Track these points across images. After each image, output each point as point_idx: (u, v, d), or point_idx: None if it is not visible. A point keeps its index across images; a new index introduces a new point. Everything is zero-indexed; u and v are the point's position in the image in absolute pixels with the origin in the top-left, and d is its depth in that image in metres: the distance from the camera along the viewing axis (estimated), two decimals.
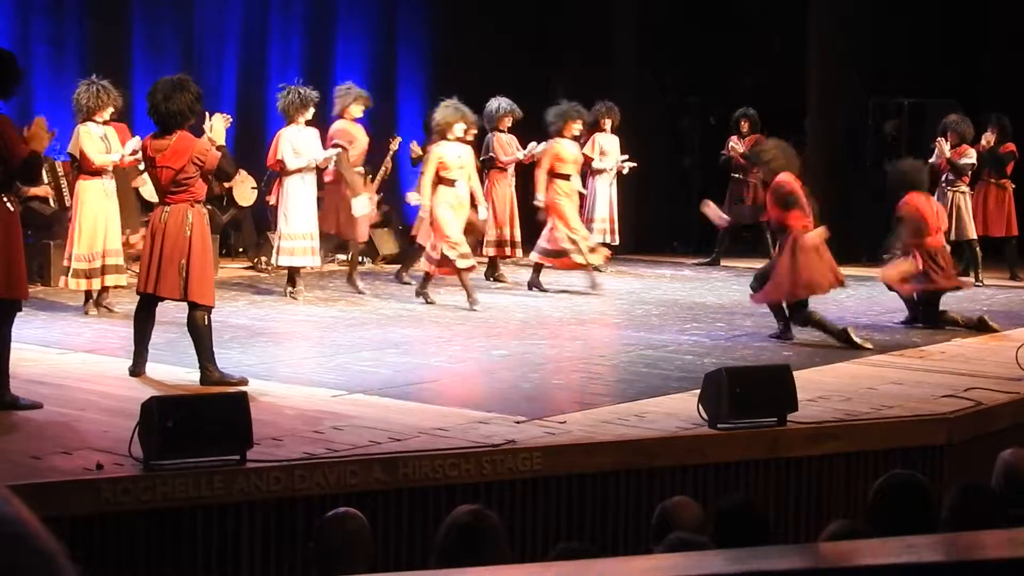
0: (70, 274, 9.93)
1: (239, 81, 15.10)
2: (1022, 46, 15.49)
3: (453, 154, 10.91)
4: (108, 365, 7.94)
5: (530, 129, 12.86)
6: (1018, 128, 13.60)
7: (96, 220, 9.93)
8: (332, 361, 8.30)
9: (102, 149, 9.97)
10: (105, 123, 10.04)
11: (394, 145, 13.43)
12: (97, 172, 9.97)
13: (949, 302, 10.23)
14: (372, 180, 12.90)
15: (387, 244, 14.41)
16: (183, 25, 14.61)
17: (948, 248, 10.67)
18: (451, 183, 10.89)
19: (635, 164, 13.67)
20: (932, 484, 5.82)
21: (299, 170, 11.24)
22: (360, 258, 13.71)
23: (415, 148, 12.19)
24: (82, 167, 9.98)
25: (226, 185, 13.41)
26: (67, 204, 11.67)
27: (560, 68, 16.88)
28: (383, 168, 13.28)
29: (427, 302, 10.98)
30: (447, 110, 11.00)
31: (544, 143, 12.22)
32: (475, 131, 11.53)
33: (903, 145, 15.20)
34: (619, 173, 13.84)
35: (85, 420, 6.42)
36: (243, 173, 13.33)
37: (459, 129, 10.94)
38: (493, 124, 12.66)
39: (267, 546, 5.51)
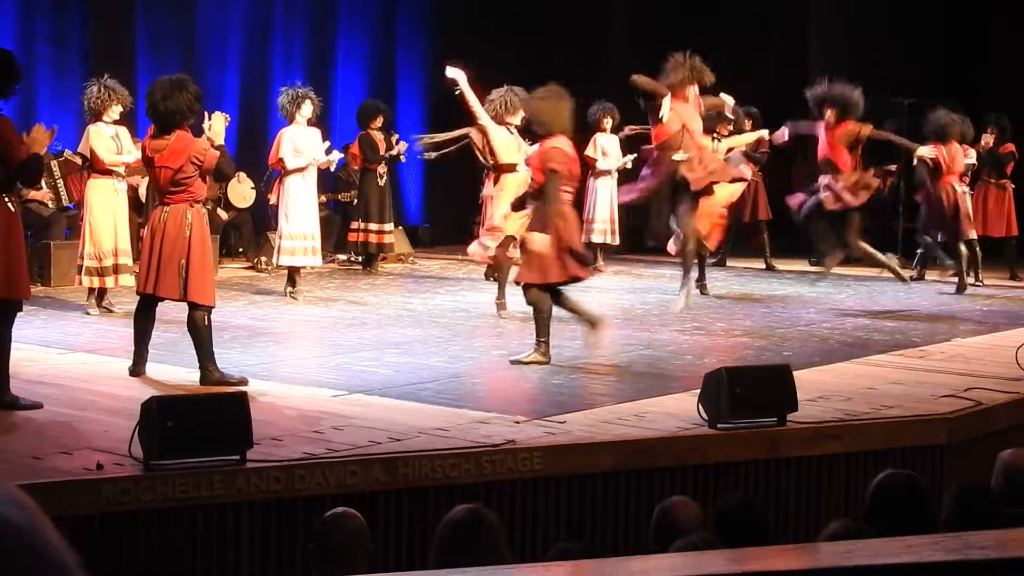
0: (83, 272, 9.97)
1: (241, 80, 15.11)
2: (1022, 46, 15.49)
3: None
4: (108, 365, 7.94)
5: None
6: (1018, 128, 13.60)
7: (105, 219, 9.96)
8: (332, 361, 8.30)
9: (113, 149, 9.99)
10: (116, 122, 10.06)
11: (399, 147, 13.42)
12: (107, 172, 10.00)
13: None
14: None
15: (399, 243, 14.39)
16: (185, 25, 14.62)
17: None
18: None
19: (634, 155, 13.64)
20: (930, 483, 5.83)
21: (299, 169, 11.25)
22: (353, 256, 13.73)
23: None
24: (93, 166, 10.02)
25: (221, 212, 13.41)
26: (64, 204, 11.70)
27: (559, 68, 16.88)
28: (380, 173, 13.29)
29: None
30: None
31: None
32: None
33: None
34: (622, 171, 13.84)
35: (85, 420, 6.42)
36: (240, 174, 13.35)
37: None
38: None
39: (267, 546, 5.51)
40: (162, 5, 14.44)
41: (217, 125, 7.58)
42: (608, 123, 13.75)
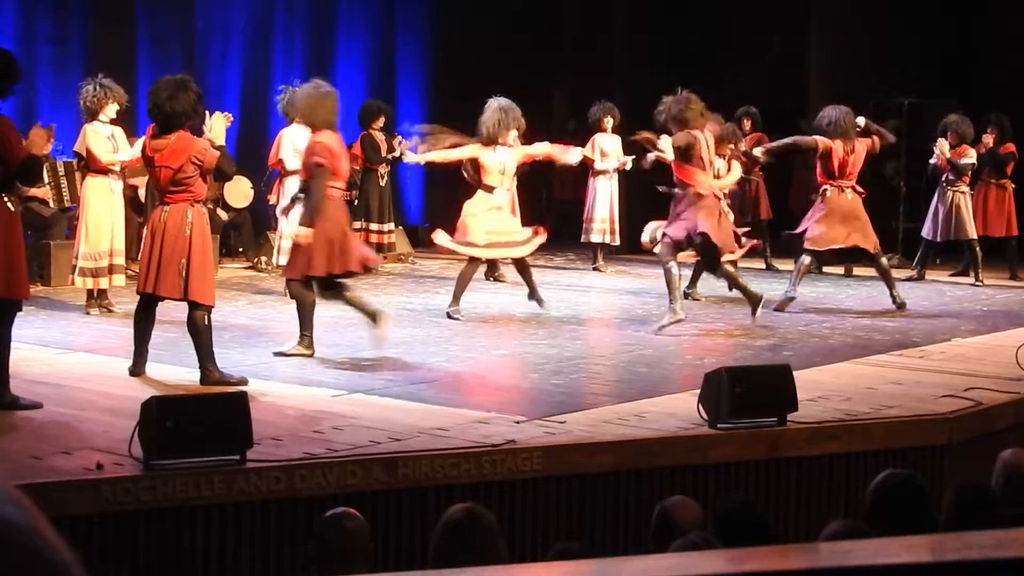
0: (76, 272, 9.96)
1: (242, 81, 15.11)
2: (1022, 46, 15.49)
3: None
4: (108, 365, 7.94)
5: (530, 130, 12.85)
6: (1018, 128, 13.60)
7: (102, 219, 9.94)
8: (332, 361, 8.30)
9: (109, 148, 9.96)
10: (112, 122, 10.04)
11: (400, 146, 13.41)
12: (103, 171, 9.98)
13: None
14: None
15: (399, 243, 14.37)
16: (185, 25, 14.62)
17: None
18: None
19: (633, 157, 13.66)
20: (930, 483, 5.83)
21: (298, 170, 11.24)
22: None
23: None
24: (89, 166, 10.00)
25: (221, 212, 13.39)
26: (66, 204, 11.69)
27: (560, 67, 16.89)
28: (382, 173, 13.29)
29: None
30: None
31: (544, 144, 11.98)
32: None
33: (903, 145, 15.20)
34: (621, 172, 13.85)
35: (85, 420, 6.42)
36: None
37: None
38: None
39: (267, 546, 5.52)
40: (162, 5, 14.44)
41: (217, 126, 7.58)
42: (609, 123, 13.74)
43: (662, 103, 9.98)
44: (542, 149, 10.85)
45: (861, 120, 11.39)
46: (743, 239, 10.37)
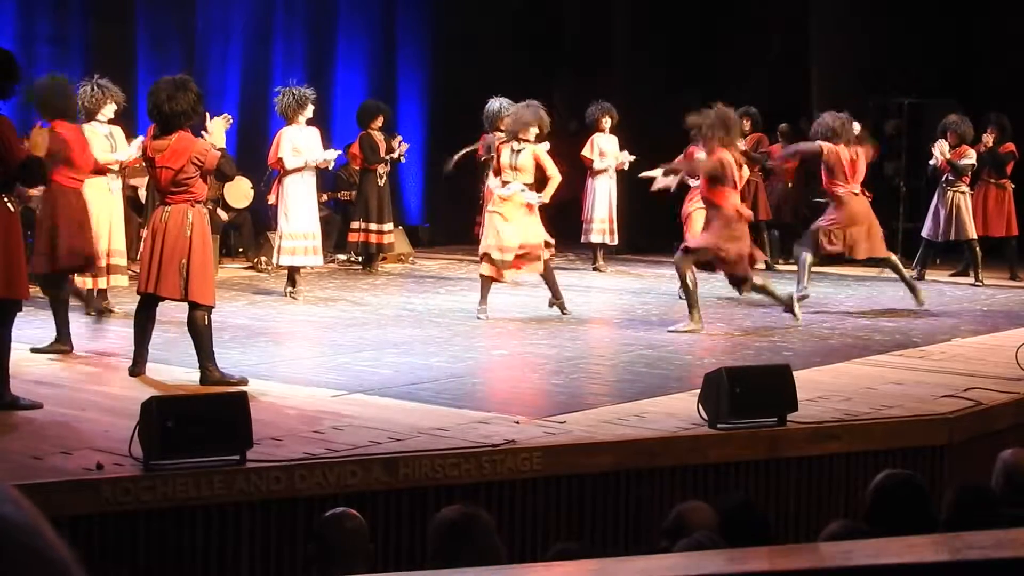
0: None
1: (242, 81, 15.10)
2: (1022, 46, 15.49)
3: None
4: (108, 365, 7.95)
5: None
6: (1018, 128, 13.60)
7: (100, 219, 9.92)
8: (332, 361, 8.30)
9: (107, 148, 9.95)
10: (110, 122, 10.03)
11: (400, 147, 13.42)
12: (101, 171, 9.96)
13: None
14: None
15: (399, 243, 14.37)
16: (186, 25, 14.62)
17: None
18: None
19: (633, 157, 13.67)
20: (930, 483, 5.83)
21: (298, 169, 11.26)
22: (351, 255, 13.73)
23: None
24: None
25: (221, 213, 13.40)
26: None
27: (560, 67, 16.89)
28: (380, 173, 13.28)
29: None
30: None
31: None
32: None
33: (903, 145, 15.20)
34: (620, 171, 13.84)
35: (85, 420, 6.42)
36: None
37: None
38: (493, 124, 12.65)
39: (267, 546, 5.52)
40: (162, 5, 14.44)
41: (218, 128, 7.58)
42: (607, 123, 13.74)
43: (700, 116, 9.92)
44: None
45: (857, 126, 11.42)
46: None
